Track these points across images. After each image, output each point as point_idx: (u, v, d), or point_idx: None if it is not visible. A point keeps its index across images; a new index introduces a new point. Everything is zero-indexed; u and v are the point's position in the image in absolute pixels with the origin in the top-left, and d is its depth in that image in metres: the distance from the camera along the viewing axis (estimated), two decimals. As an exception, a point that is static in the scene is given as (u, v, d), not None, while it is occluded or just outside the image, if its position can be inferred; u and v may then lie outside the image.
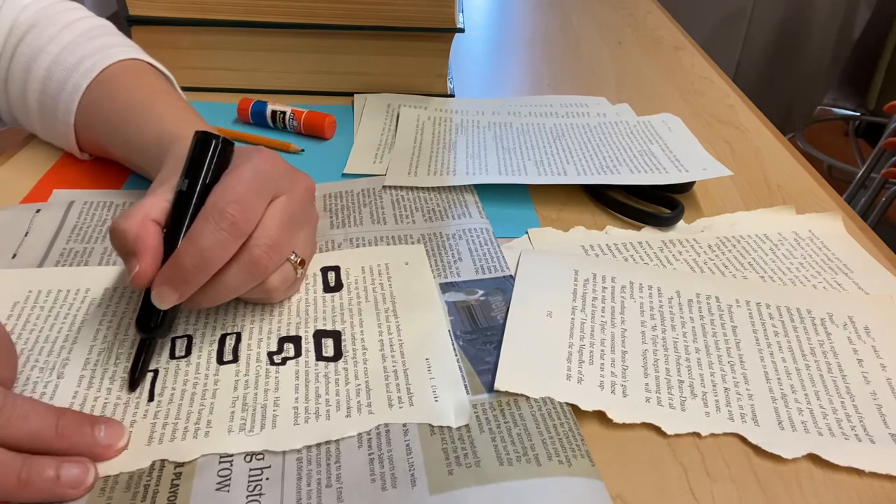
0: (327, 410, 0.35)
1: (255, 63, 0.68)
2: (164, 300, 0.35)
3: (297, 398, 0.36)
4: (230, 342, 0.39)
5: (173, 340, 0.39)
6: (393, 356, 0.38)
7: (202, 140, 0.38)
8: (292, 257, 0.40)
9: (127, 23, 0.65)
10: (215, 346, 0.39)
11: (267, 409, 0.35)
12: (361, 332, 0.40)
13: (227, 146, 0.39)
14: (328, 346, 0.39)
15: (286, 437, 0.34)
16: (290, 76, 0.69)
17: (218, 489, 0.31)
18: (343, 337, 0.39)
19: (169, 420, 0.34)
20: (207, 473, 0.32)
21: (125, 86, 0.51)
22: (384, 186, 0.54)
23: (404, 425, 0.34)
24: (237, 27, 0.65)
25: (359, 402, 0.35)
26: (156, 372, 0.37)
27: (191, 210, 0.37)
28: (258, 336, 0.39)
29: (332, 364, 0.38)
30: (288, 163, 0.41)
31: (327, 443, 0.33)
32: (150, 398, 0.35)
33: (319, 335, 0.40)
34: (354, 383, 0.37)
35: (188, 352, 0.38)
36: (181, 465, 0.32)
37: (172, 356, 0.38)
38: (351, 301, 0.42)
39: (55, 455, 0.31)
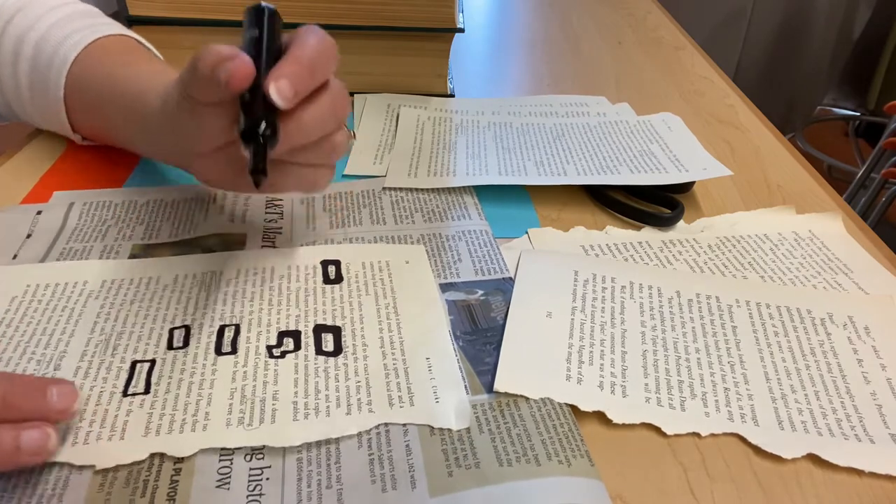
0: (327, 407, 0.35)
1: (255, 63, 0.68)
2: (281, 93, 0.35)
3: (296, 392, 0.36)
4: (229, 333, 0.39)
5: (171, 331, 0.39)
6: (393, 353, 0.38)
7: (256, 8, 0.40)
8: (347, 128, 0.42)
9: (127, 23, 0.65)
10: (213, 338, 0.38)
11: (266, 403, 0.35)
12: (362, 327, 0.40)
13: (276, 14, 0.41)
14: (328, 341, 0.39)
15: (286, 433, 0.33)
16: (290, 76, 0.68)
17: (218, 486, 0.31)
18: (343, 333, 0.40)
19: (166, 411, 0.34)
20: (207, 470, 0.32)
21: (111, 58, 0.52)
22: (384, 188, 0.54)
23: (404, 425, 0.34)
24: (237, 27, 0.65)
25: (359, 399, 0.35)
26: (153, 362, 0.37)
27: (263, 57, 0.37)
28: (257, 329, 0.39)
29: (331, 359, 0.38)
30: None
31: (327, 442, 0.33)
32: (147, 389, 0.35)
33: (319, 330, 0.40)
34: (354, 380, 0.37)
35: (186, 343, 0.38)
36: (180, 460, 0.32)
37: (170, 347, 0.38)
38: (351, 294, 0.42)
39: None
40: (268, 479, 0.32)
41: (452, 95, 0.70)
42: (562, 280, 0.44)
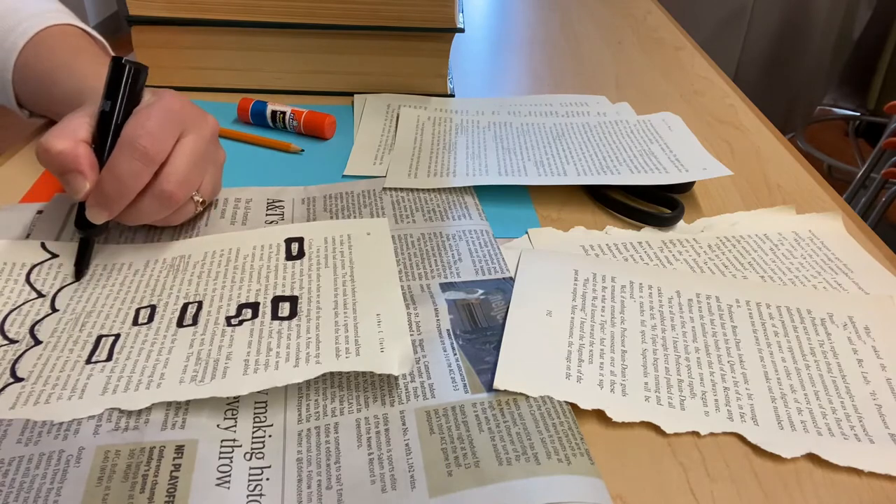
0: (276, 362, 0.36)
1: (255, 63, 0.68)
2: (96, 218, 0.42)
3: (248, 352, 0.37)
4: (192, 309, 0.41)
5: (137, 310, 0.41)
6: (346, 312, 0.40)
7: (117, 65, 0.44)
8: (196, 196, 0.45)
9: (127, 23, 0.65)
10: (177, 314, 0.40)
11: (219, 363, 0.36)
12: (318, 295, 0.41)
13: (140, 70, 0.45)
14: (284, 308, 0.40)
15: (233, 385, 0.35)
16: (290, 76, 0.69)
17: (218, 485, 0.31)
18: (300, 301, 0.41)
19: (124, 374, 0.36)
20: (207, 468, 0.32)
21: (54, 47, 0.55)
22: (384, 188, 0.54)
23: (403, 424, 0.34)
24: (237, 27, 0.65)
25: (308, 353, 0.37)
26: (117, 336, 0.39)
27: (112, 128, 0.43)
28: (218, 303, 0.41)
29: (286, 322, 0.39)
30: (195, 104, 0.46)
31: (327, 442, 0.33)
32: (109, 357, 0.37)
33: (277, 300, 0.41)
34: (305, 337, 0.38)
35: (150, 319, 0.40)
36: (180, 456, 0.32)
37: (135, 323, 0.40)
38: (311, 267, 0.44)
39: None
40: (268, 479, 0.32)
41: (452, 95, 0.70)
42: (562, 279, 0.44)
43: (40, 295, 0.42)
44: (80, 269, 0.43)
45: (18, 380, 0.36)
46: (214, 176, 0.47)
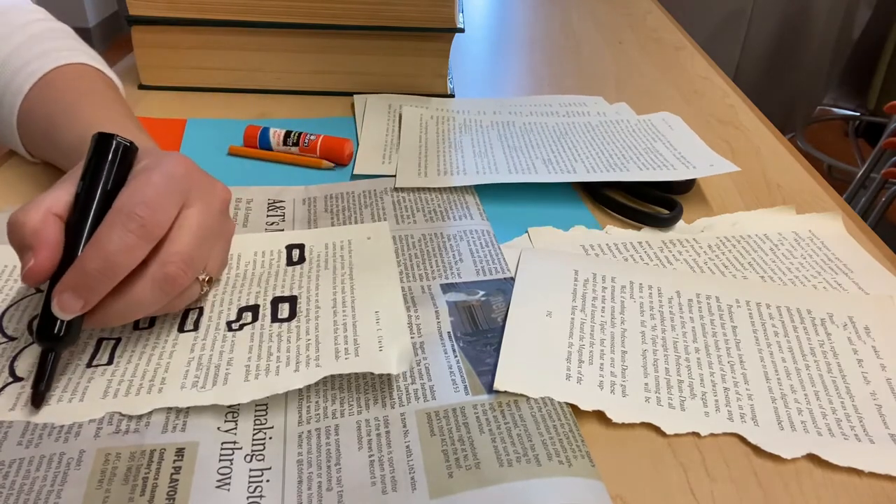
0: (277, 367, 0.36)
1: (255, 63, 0.68)
2: (66, 308, 0.33)
3: (249, 357, 0.37)
4: (193, 315, 0.40)
5: None
6: (344, 311, 0.40)
7: (101, 141, 0.37)
8: (202, 276, 0.38)
9: (127, 23, 0.65)
10: (178, 320, 0.40)
11: (220, 369, 0.37)
12: (317, 294, 0.41)
13: (128, 149, 0.38)
14: (284, 309, 0.40)
15: (234, 392, 0.35)
16: (290, 76, 0.69)
17: (218, 487, 0.31)
18: (299, 300, 0.41)
19: (125, 377, 0.36)
20: (207, 470, 0.32)
21: (61, 89, 0.50)
22: (395, 188, 0.54)
23: (404, 426, 0.34)
24: (237, 27, 0.65)
25: (307, 356, 0.37)
26: (118, 340, 0.38)
27: (91, 214, 0.35)
28: (219, 308, 0.41)
29: (285, 324, 0.39)
30: (203, 170, 0.40)
31: (328, 444, 0.33)
32: (110, 361, 0.37)
33: (277, 301, 0.41)
34: (305, 339, 0.38)
35: (151, 324, 0.40)
36: (180, 458, 0.32)
37: (136, 327, 0.39)
38: (311, 270, 0.44)
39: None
40: (268, 480, 0.32)
41: (452, 96, 0.70)
42: (562, 279, 0.44)
43: (38, 290, 0.42)
44: (41, 392, 0.34)
45: (18, 379, 0.36)
46: (223, 251, 0.41)
